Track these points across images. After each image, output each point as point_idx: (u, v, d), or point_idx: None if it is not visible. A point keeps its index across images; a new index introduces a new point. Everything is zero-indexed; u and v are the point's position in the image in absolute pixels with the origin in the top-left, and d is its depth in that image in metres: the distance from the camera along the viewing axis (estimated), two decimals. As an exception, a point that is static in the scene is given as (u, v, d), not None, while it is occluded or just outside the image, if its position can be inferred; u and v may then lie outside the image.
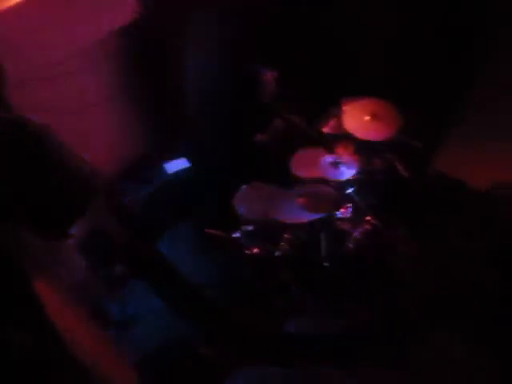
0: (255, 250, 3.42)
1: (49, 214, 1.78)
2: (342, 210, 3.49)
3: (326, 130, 3.71)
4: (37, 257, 2.33)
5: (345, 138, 3.59)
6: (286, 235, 3.35)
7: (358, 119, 3.45)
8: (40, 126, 1.84)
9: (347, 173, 3.32)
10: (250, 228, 3.43)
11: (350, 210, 3.52)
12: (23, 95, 2.33)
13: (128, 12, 2.99)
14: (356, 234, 3.47)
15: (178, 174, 3.85)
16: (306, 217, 3.19)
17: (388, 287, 3.44)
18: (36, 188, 1.76)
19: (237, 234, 3.40)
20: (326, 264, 3.33)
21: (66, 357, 1.84)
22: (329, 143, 3.63)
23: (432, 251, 3.53)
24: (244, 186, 3.50)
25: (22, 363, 1.74)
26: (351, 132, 3.42)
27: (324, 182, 3.36)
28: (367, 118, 3.42)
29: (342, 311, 3.36)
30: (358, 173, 3.40)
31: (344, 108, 3.60)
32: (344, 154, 3.47)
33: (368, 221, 3.51)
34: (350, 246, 3.44)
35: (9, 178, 1.71)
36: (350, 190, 3.46)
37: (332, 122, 3.71)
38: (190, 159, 3.92)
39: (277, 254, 3.31)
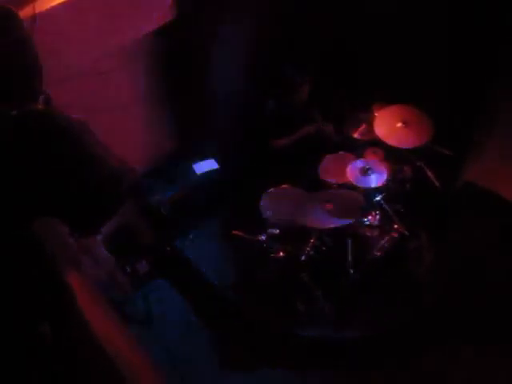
0: (281, 254, 3.41)
1: (84, 210, 1.79)
2: (369, 217, 3.46)
3: (356, 135, 3.70)
4: (69, 251, 2.38)
5: (375, 144, 3.57)
6: (311, 240, 3.33)
7: (389, 126, 3.41)
8: (78, 121, 1.87)
9: (376, 180, 3.28)
10: (276, 231, 3.42)
11: (378, 217, 3.48)
12: (61, 93, 2.38)
13: (164, 13, 3.03)
14: (383, 241, 3.43)
15: (206, 174, 3.88)
16: (333, 222, 3.16)
17: (409, 293, 3.39)
18: (72, 183, 1.78)
19: (263, 237, 3.39)
20: (351, 271, 3.30)
21: (92, 347, 1.86)
22: (359, 149, 3.60)
23: (454, 258, 3.47)
24: (271, 190, 3.49)
25: (52, 352, 1.77)
26: (382, 138, 3.38)
27: (352, 188, 3.33)
28: (399, 124, 3.37)
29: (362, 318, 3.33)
30: (388, 180, 3.36)
31: (375, 114, 3.58)
32: (374, 160, 3.44)
33: (396, 229, 3.48)
34: (377, 253, 3.41)
35: (45, 171, 1.74)
36: (378, 198, 3.41)
37: (362, 128, 3.69)
38: (218, 161, 3.94)
39: (302, 258, 3.29)
